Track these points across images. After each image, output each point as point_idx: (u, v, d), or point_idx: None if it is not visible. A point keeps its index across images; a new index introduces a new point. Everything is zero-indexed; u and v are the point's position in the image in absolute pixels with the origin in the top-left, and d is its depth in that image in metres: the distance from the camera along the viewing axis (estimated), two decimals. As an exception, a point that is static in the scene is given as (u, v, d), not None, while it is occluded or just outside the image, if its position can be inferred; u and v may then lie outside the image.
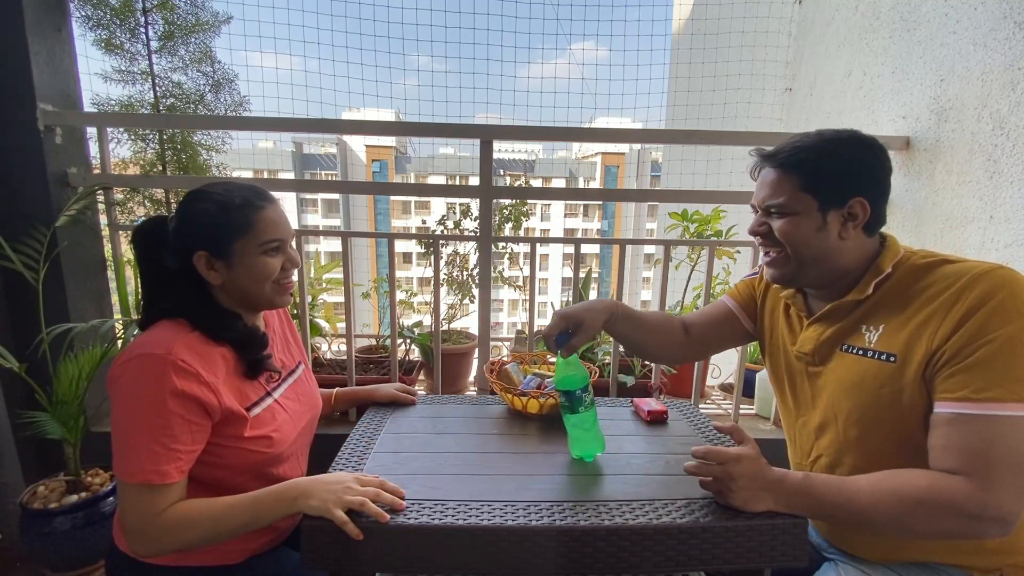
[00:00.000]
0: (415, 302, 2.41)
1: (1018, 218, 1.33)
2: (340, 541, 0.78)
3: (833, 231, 0.85)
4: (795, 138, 0.87)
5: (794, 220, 0.85)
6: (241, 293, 0.91)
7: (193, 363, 0.81)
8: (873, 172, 0.84)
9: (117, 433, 0.79)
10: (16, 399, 1.58)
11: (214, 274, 0.88)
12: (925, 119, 1.67)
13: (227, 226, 0.87)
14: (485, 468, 0.96)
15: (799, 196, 0.84)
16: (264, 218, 0.89)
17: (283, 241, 0.92)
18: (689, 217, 2.10)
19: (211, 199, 0.88)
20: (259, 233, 0.89)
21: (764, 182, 0.89)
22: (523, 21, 2.95)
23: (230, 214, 0.87)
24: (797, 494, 0.79)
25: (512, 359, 1.36)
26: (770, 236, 0.89)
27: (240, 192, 0.89)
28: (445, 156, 15.13)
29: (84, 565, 1.45)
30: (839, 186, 0.83)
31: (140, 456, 0.77)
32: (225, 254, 0.87)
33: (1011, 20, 1.36)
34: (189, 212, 0.88)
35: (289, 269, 0.94)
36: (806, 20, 2.60)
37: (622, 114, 15.11)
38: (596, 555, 0.78)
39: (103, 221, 1.81)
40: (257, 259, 0.89)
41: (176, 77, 2.15)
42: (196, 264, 0.87)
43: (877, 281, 0.85)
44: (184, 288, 0.89)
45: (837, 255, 0.86)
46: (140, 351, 0.80)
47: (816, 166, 0.84)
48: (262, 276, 0.90)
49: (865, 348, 0.85)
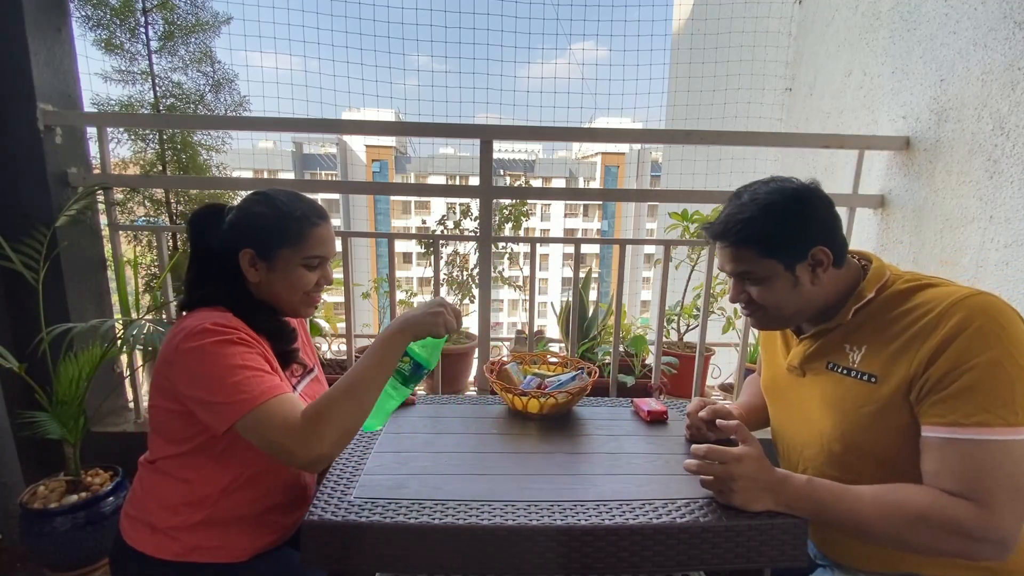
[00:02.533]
0: (415, 302, 2.41)
1: (1018, 218, 1.33)
2: (340, 540, 0.78)
3: (805, 282, 0.87)
4: (733, 208, 0.89)
5: (767, 285, 0.88)
6: (272, 296, 0.95)
7: (245, 334, 0.87)
8: (817, 220, 0.86)
9: (211, 384, 0.80)
10: (16, 399, 1.58)
11: (253, 272, 0.93)
12: (925, 119, 1.67)
13: (279, 233, 0.91)
14: (485, 468, 0.96)
15: (762, 263, 0.87)
16: (315, 234, 0.94)
17: (324, 259, 0.97)
18: (689, 217, 2.10)
19: (272, 204, 0.92)
20: (306, 247, 0.93)
21: (723, 254, 0.92)
22: (523, 21, 2.96)
23: (286, 223, 0.92)
24: (799, 497, 0.80)
25: (512, 359, 1.36)
26: (751, 301, 0.92)
27: (301, 205, 0.94)
28: (445, 156, 15.13)
29: (84, 565, 1.45)
30: (794, 244, 0.85)
31: (248, 384, 0.79)
32: (269, 257, 0.92)
33: (1011, 20, 1.36)
34: (248, 210, 0.93)
35: (322, 285, 0.99)
36: (806, 20, 2.60)
37: (622, 114, 15.13)
38: (596, 555, 0.78)
39: (103, 221, 1.81)
40: (296, 269, 0.93)
41: (176, 77, 2.16)
42: (240, 259, 0.92)
43: (857, 307, 0.87)
44: (224, 276, 0.93)
45: (817, 298, 0.88)
46: (200, 326, 0.83)
47: (765, 235, 0.85)
48: (297, 286, 0.94)
49: (848, 368, 0.87)
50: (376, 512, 0.81)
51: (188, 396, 0.82)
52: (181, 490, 0.89)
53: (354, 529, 0.78)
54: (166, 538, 0.88)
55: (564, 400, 1.17)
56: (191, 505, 0.89)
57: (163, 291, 1.79)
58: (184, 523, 0.88)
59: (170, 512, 0.89)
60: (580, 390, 1.18)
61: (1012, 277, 1.35)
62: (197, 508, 0.89)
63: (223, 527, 0.91)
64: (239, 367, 0.80)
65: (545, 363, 1.41)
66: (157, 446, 0.92)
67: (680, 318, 2.25)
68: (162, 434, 0.90)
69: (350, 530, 0.78)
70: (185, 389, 0.82)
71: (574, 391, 1.17)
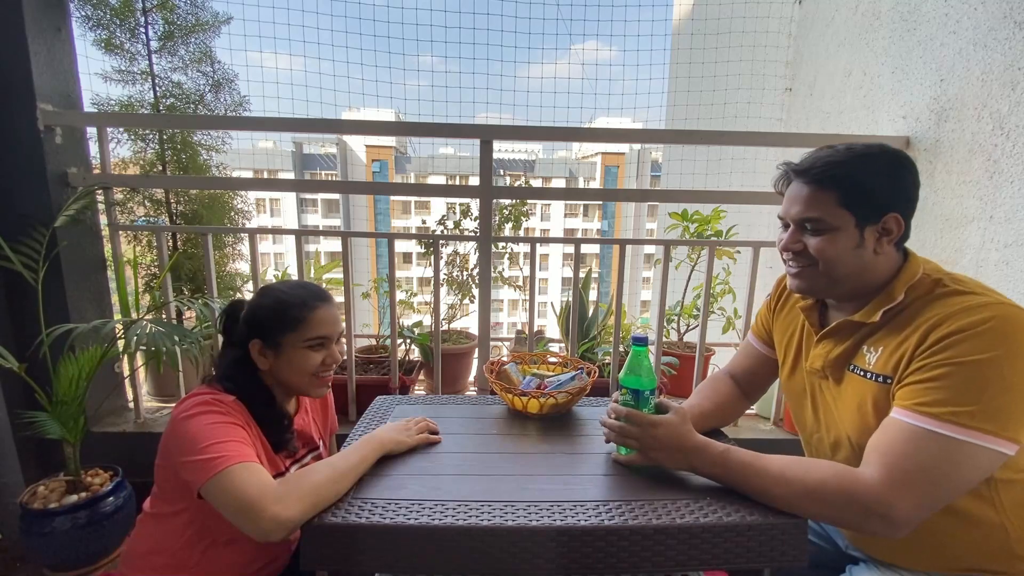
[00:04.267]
0: (415, 302, 2.41)
1: (1018, 218, 1.33)
2: (340, 541, 0.78)
3: (869, 247, 0.84)
4: (825, 152, 0.85)
5: (831, 237, 0.84)
6: (283, 380, 1.02)
7: (237, 413, 0.93)
8: (906, 188, 0.84)
9: (189, 446, 0.84)
10: (16, 399, 1.58)
11: (263, 360, 1.00)
12: (925, 119, 1.67)
13: (280, 321, 0.99)
14: (485, 468, 0.96)
15: (837, 212, 0.83)
16: (315, 317, 1.00)
17: (327, 339, 1.02)
18: (689, 217, 2.10)
19: (273, 295, 1.01)
20: (307, 330, 0.99)
21: (796, 197, 0.87)
22: (523, 21, 2.95)
23: (286, 310, 0.99)
24: (713, 464, 0.87)
25: (512, 359, 1.36)
26: (803, 253, 0.88)
27: (300, 292, 1.02)
28: (445, 156, 15.13)
29: (84, 565, 1.45)
30: (876, 202, 0.83)
31: (221, 449, 0.83)
32: (275, 344, 0.99)
33: (1011, 20, 1.36)
34: (253, 304, 1.02)
35: (329, 364, 1.03)
36: (806, 20, 2.60)
37: (622, 114, 15.11)
38: (596, 555, 0.78)
39: (103, 221, 1.81)
40: (300, 351, 0.99)
41: (176, 77, 2.16)
42: (251, 348, 1.00)
43: (886, 310, 0.85)
44: (240, 364, 1.00)
45: (870, 270, 0.86)
46: (200, 399, 0.91)
47: (854, 182, 0.82)
48: (303, 368, 1.00)
49: (866, 369, 0.86)
50: (376, 513, 0.81)
51: (175, 459, 0.86)
52: (165, 541, 0.94)
53: (354, 530, 0.79)
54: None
55: (564, 400, 1.17)
56: (172, 557, 0.94)
57: (163, 291, 1.79)
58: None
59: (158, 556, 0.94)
60: (580, 390, 1.18)
61: (1012, 277, 1.35)
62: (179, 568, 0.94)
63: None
64: (221, 434, 0.86)
65: (545, 363, 1.41)
66: (154, 502, 0.98)
67: (680, 318, 2.25)
68: (161, 491, 0.96)
69: (350, 531, 0.79)
70: (175, 452, 0.87)
71: (574, 391, 1.17)
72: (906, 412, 0.76)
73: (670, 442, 0.88)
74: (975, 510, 0.80)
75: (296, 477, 0.84)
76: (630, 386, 0.94)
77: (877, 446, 0.78)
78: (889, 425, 0.78)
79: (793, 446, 1.78)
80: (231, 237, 2.32)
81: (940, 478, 0.73)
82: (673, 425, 0.89)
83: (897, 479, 0.73)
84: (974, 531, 0.81)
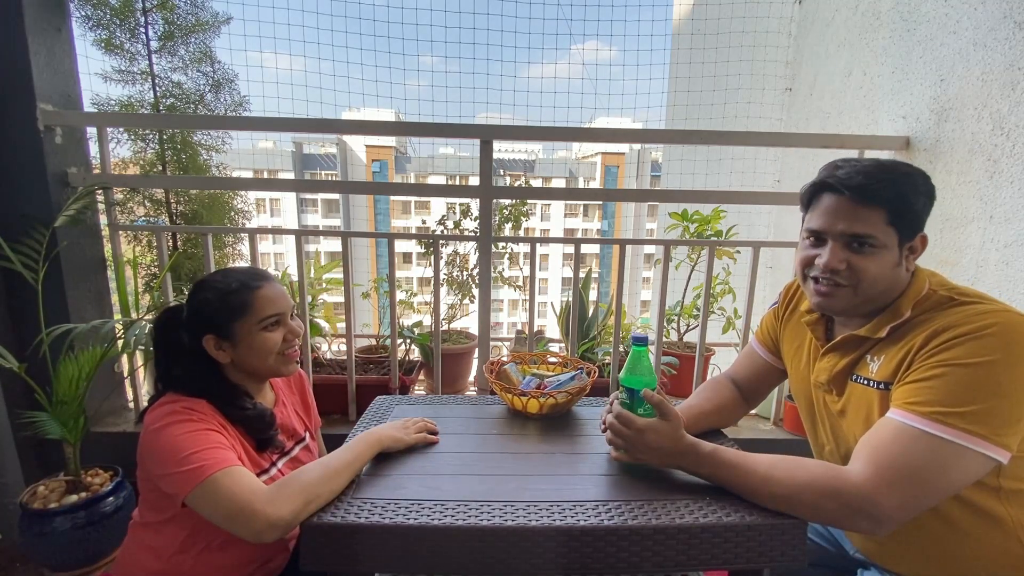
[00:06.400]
0: (415, 302, 2.41)
1: (1018, 218, 1.33)
2: (339, 542, 0.78)
3: (903, 266, 0.84)
4: (869, 166, 0.82)
5: (879, 255, 0.82)
6: (249, 368, 0.99)
7: (211, 416, 0.91)
8: (931, 207, 0.84)
9: (166, 459, 0.82)
10: (16, 399, 1.58)
11: (222, 354, 0.96)
12: (925, 119, 1.67)
13: (226, 310, 0.95)
14: (485, 468, 0.96)
15: (885, 230, 0.81)
16: (260, 297, 0.97)
17: (281, 315, 0.99)
18: (689, 217, 2.10)
19: (211, 287, 0.96)
20: (257, 312, 0.96)
21: (840, 211, 0.83)
22: (523, 21, 2.95)
23: (228, 299, 0.95)
24: (701, 464, 0.87)
25: (512, 359, 1.36)
26: (844, 271, 0.84)
27: (236, 277, 0.98)
28: (445, 156, 15.13)
29: (84, 565, 1.45)
30: (917, 221, 0.83)
31: (202, 457, 0.82)
32: (229, 335, 0.96)
33: (1011, 20, 1.36)
34: (193, 302, 0.97)
35: (291, 340, 1.01)
36: (806, 20, 2.60)
37: (622, 114, 15.11)
38: (596, 555, 0.78)
39: (103, 221, 1.81)
40: (258, 336, 0.96)
41: (176, 77, 2.16)
42: (206, 346, 0.96)
43: (893, 326, 0.84)
44: (199, 366, 0.96)
45: (894, 287, 0.85)
46: (169, 408, 0.88)
47: (903, 200, 0.80)
48: (264, 351, 0.97)
49: (868, 378, 0.87)
50: (375, 513, 0.81)
51: (154, 473, 0.85)
52: (160, 551, 0.93)
53: (353, 530, 0.79)
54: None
55: (564, 400, 1.17)
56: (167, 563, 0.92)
57: (163, 291, 1.79)
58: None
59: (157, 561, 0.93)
60: (580, 390, 1.18)
61: (1012, 277, 1.35)
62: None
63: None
64: (199, 442, 0.84)
65: (545, 363, 1.41)
66: (142, 512, 0.97)
67: (680, 318, 2.25)
68: (146, 501, 0.95)
69: (349, 531, 0.79)
70: (152, 467, 0.85)
71: (574, 391, 1.17)
72: (898, 411, 0.77)
73: (659, 446, 0.88)
74: (986, 520, 0.80)
75: (287, 477, 0.83)
76: (630, 386, 0.95)
77: (867, 443, 0.78)
78: (881, 423, 0.79)
79: (793, 446, 1.78)
80: (231, 237, 2.32)
81: (927, 478, 0.73)
82: (662, 430, 0.88)
83: (884, 477, 0.73)
84: (985, 541, 0.81)
